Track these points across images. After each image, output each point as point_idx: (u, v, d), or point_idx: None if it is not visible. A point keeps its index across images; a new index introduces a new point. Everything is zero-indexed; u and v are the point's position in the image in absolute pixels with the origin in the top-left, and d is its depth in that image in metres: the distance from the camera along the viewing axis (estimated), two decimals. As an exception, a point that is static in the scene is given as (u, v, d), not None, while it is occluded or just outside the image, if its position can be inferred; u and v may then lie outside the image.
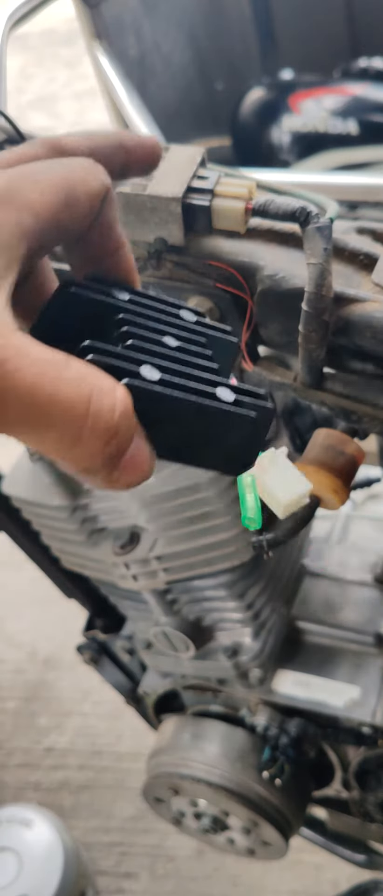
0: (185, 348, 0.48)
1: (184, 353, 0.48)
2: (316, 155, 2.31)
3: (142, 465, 0.42)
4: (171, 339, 0.48)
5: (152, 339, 0.46)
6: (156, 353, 0.45)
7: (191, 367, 0.47)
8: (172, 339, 0.48)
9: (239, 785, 1.30)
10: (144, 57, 2.10)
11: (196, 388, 0.45)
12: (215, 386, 0.46)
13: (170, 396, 0.43)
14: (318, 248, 0.70)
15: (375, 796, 1.33)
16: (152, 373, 0.43)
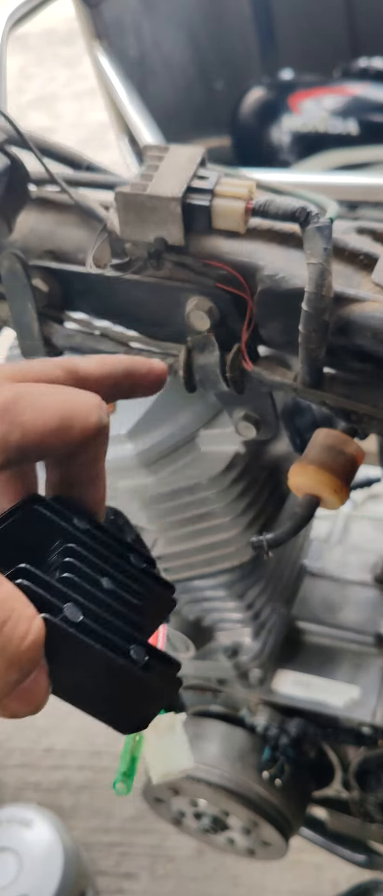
0: (118, 594, 0.50)
1: (115, 598, 0.50)
2: (316, 155, 2.31)
3: (36, 698, 0.42)
4: (108, 581, 0.50)
5: (89, 577, 0.49)
6: (88, 594, 0.48)
7: (117, 616, 0.49)
8: (109, 580, 0.50)
9: (239, 785, 1.30)
10: (144, 57, 2.10)
11: (111, 641, 0.47)
12: (131, 643, 0.48)
13: (83, 642, 0.45)
14: (318, 248, 0.70)
15: (375, 796, 1.33)
16: (75, 613, 0.45)
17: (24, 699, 0.42)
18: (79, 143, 4.20)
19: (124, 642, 0.48)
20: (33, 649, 0.40)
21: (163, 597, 0.55)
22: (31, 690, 0.42)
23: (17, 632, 0.40)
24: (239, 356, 0.80)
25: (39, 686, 0.42)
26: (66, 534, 0.51)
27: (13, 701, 0.41)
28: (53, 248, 0.88)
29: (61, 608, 0.45)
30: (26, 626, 0.40)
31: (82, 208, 0.86)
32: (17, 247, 0.87)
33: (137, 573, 0.54)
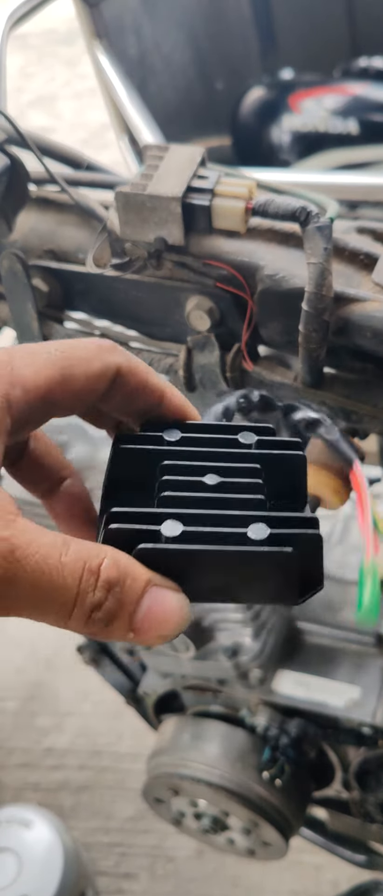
0: (227, 484, 0.48)
1: (223, 490, 0.47)
2: (316, 154, 2.31)
3: (165, 617, 0.43)
4: (212, 477, 0.48)
5: (188, 484, 0.47)
6: (188, 501, 0.46)
7: (228, 505, 0.46)
8: (214, 475, 0.48)
9: (239, 785, 1.30)
10: (144, 56, 2.10)
11: (222, 534, 0.44)
12: (248, 524, 0.45)
13: (188, 551, 0.44)
14: (318, 248, 0.70)
15: (375, 797, 1.33)
16: (174, 528, 0.44)
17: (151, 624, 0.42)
18: (79, 143, 4.20)
19: (239, 527, 0.45)
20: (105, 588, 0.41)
21: (285, 459, 0.50)
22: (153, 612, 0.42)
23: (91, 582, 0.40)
24: (239, 356, 0.80)
25: (163, 605, 0.43)
26: (158, 455, 0.49)
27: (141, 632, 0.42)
28: (53, 248, 0.88)
29: (157, 531, 0.44)
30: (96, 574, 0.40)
31: (82, 208, 0.86)
32: (17, 246, 0.87)
33: (247, 451, 0.50)
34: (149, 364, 0.84)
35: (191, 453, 0.49)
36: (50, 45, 5.78)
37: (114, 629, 0.41)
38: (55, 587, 0.39)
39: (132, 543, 0.43)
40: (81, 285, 0.86)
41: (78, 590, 0.40)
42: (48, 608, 0.40)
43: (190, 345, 0.82)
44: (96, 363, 0.48)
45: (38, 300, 0.87)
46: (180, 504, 0.46)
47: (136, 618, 0.42)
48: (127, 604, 0.41)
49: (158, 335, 0.86)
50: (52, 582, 0.39)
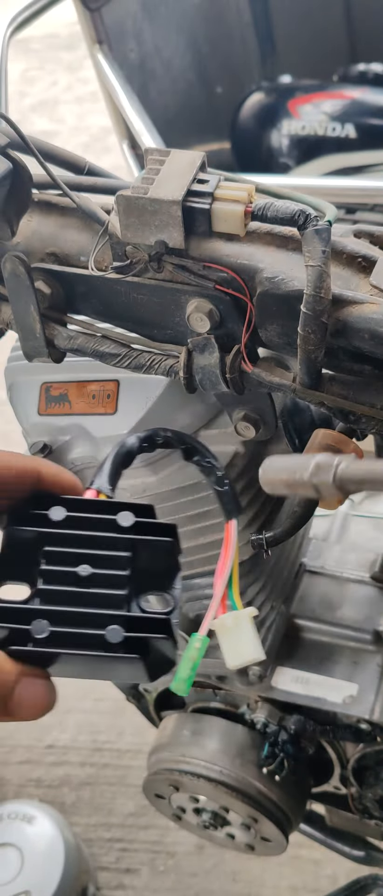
0: (98, 576, 0.53)
1: (92, 583, 0.53)
2: (315, 159, 2.32)
3: (34, 702, 0.50)
4: (85, 568, 0.53)
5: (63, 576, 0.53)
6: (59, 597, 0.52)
7: (93, 602, 0.52)
8: (87, 566, 0.53)
9: (238, 781, 1.31)
10: (145, 61, 2.11)
11: (84, 637, 0.50)
12: (107, 625, 0.51)
13: (52, 653, 0.50)
14: (317, 251, 0.71)
15: (373, 792, 1.34)
16: (41, 628, 0.50)
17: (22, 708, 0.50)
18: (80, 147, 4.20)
19: (99, 629, 0.51)
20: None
21: (159, 545, 0.55)
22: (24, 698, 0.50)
23: None
24: (238, 357, 0.81)
25: (33, 691, 0.50)
26: (42, 537, 0.54)
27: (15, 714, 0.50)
28: (56, 251, 0.89)
29: (28, 631, 0.50)
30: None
31: (84, 211, 0.87)
32: (19, 249, 0.88)
33: (121, 537, 0.55)
34: (149, 366, 0.85)
35: (71, 538, 0.54)
36: (51, 49, 5.78)
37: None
38: None
39: (8, 642, 0.50)
40: (83, 288, 0.87)
41: None
42: None
43: (190, 347, 0.83)
44: None
45: (41, 302, 0.87)
46: (54, 600, 0.52)
47: (9, 706, 0.49)
48: (1, 697, 0.49)
49: (159, 337, 0.87)
50: None
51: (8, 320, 0.93)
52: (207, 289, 0.80)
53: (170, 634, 0.52)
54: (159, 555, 0.55)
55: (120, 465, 0.67)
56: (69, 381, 1.10)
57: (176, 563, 0.56)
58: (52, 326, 0.89)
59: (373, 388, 0.77)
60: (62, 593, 0.52)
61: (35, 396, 1.12)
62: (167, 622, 0.52)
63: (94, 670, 0.53)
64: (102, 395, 1.08)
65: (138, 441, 0.69)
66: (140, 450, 0.69)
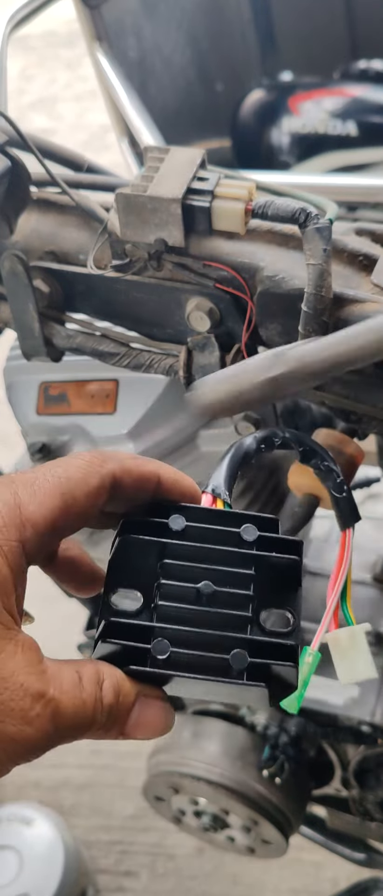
0: (219, 595, 0.50)
1: (214, 603, 0.50)
2: (315, 156, 2.31)
3: (151, 724, 0.49)
4: (207, 585, 0.50)
5: (184, 593, 0.50)
6: (180, 616, 0.49)
7: (215, 623, 0.49)
8: (209, 583, 0.50)
9: (239, 783, 1.31)
10: (144, 58, 2.10)
11: (205, 660, 0.48)
12: (231, 649, 0.48)
13: (173, 675, 0.48)
14: (318, 249, 0.71)
15: (374, 795, 1.33)
16: (162, 649, 0.48)
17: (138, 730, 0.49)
18: (79, 145, 4.21)
19: (222, 653, 0.48)
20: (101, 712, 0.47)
21: (281, 563, 0.52)
22: (141, 721, 0.49)
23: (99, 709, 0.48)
24: (239, 357, 0.81)
25: (149, 713, 0.49)
26: (161, 549, 0.51)
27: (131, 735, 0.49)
28: (54, 249, 0.89)
29: (147, 650, 0.48)
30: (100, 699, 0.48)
31: (83, 210, 0.86)
32: (18, 248, 0.87)
33: (246, 551, 0.52)
34: (149, 365, 0.85)
35: (192, 551, 0.51)
36: (50, 47, 5.78)
37: (109, 735, 0.49)
38: (81, 723, 0.47)
39: (125, 658, 0.49)
40: (82, 286, 0.87)
41: (92, 719, 0.47)
42: (74, 737, 0.47)
43: (190, 345, 0.82)
44: (93, 479, 0.50)
45: (39, 301, 0.87)
46: (173, 618, 0.49)
47: (127, 726, 0.49)
48: (120, 717, 0.48)
49: (159, 336, 0.86)
50: (79, 719, 0.47)
51: (6, 319, 0.93)
52: (207, 287, 0.79)
53: (295, 662, 0.49)
54: (282, 572, 0.52)
55: (237, 467, 0.63)
56: (68, 380, 1.10)
57: (298, 580, 0.53)
58: (50, 325, 0.89)
59: (374, 387, 0.77)
60: (183, 611, 0.49)
61: (34, 396, 1.12)
62: (294, 649, 0.50)
63: (213, 693, 0.52)
64: (101, 395, 1.07)
65: (256, 442, 0.66)
66: (257, 451, 0.66)
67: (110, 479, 0.51)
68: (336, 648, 0.69)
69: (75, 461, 0.51)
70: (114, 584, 0.51)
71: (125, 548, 0.51)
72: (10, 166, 0.83)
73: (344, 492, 0.70)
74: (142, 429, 1.04)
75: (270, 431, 0.67)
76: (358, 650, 0.69)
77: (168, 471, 0.54)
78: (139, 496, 0.53)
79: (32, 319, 0.88)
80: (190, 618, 0.49)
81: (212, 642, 0.49)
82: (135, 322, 0.87)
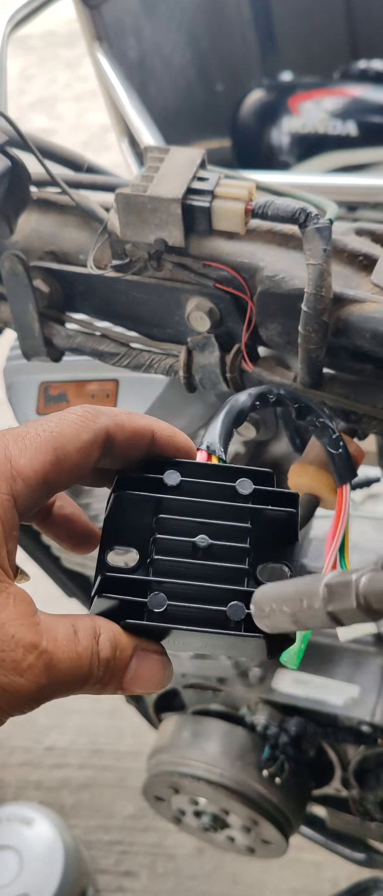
0: (216, 548, 0.50)
1: (211, 555, 0.50)
2: (315, 156, 2.31)
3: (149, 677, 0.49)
4: (203, 538, 0.50)
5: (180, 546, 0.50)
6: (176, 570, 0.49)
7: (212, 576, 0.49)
8: (205, 536, 0.50)
9: (238, 783, 1.31)
10: (144, 59, 2.10)
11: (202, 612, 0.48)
12: (228, 601, 0.48)
13: (170, 628, 0.48)
14: (318, 249, 0.71)
15: (374, 795, 1.33)
16: (159, 602, 0.48)
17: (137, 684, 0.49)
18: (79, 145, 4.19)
19: (219, 605, 0.48)
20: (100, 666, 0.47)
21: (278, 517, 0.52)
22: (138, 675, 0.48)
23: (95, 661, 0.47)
24: (239, 357, 0.81)
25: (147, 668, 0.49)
26: (156, 503, 0.51)
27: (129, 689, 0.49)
28: (54, 249, 0.89)
29: (144, 604, 0.48)
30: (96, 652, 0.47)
31: (83, 210, 0.86)
32: (18, 248, 0.87)
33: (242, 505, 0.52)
34: (149, 365, 0.85)
35: (188, 505, 0.51)
36: (50, 47, 5.78)
37: (107, 690, 0.49)
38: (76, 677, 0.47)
39: (122, 612, 0.48)
40: (82, 286, 0.87)
41: (88, 673, 0.47)
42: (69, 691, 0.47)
43: (190, 346, 0.82)
44: (85, 434, 0.50)
45: (39, 301, 0.87)
46: (169, 572, 0.49)
47: (125, 680, 0.48)
48: (117, 671, 0.48)
49: (159, 336, 0.86)
50: (74, 673, 0.46)
51: (6, 319, 0.93)
52: (207, 287, 0.79)
53: None
54: (279, 525, 0.52)
55: (232, 424, 0.63)
56: (68, 380, 1.10)
57: (295, 533, 0.52)
58: (50, 325, 0.89)
59: (375, 387, 0.77)
60: (179, 565, 0.49)
61: (34, 396, 1.12)
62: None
63: (211, 646, 0.51)
64: (101, 395, 1.07)
65: (251, 399, 0.65)
66: (252, 408, 0.65)
67: (103, 434, 0.51)
68: None
69: (68, 416, 0.50)
70: (109, 541, 0.51)
71: (120, 504, 0.51)
72: (10, 166, 0.83)
73: (340, 448, 0.70)
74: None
75: (265, 388, 0.67)
76: None
77: (162, 426, 0.54)
78: (133, 452, 0.53)
79: (32, 319, 0.88)
80: (186, 572, 0.49)
81: (208, 595, 0.49)
82: (135, 322, 0.87)
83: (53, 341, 0.89)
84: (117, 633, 0.48)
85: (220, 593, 0.48)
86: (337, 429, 0.70)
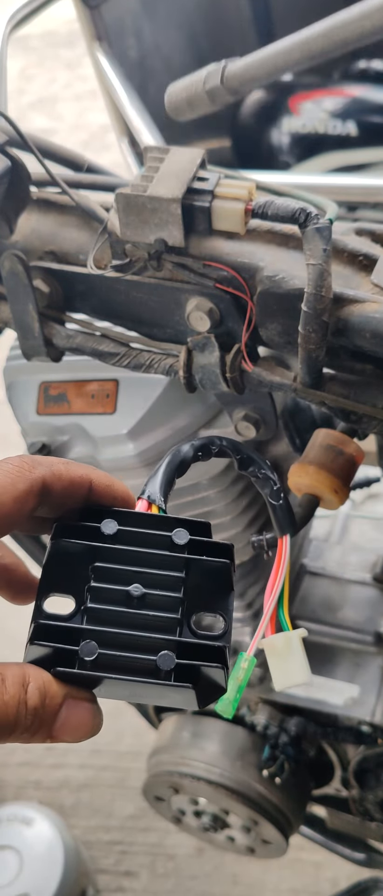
0: (149, 597, 0.51)
1: (144, 605, 0.51)
2: (315, 156, 2.31)
3: (78, 726, 0.49)
4: (137, 588, 0.51)
5: (114, 595, 0.51)
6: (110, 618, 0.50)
7: (145, 625, 0.50)
8: (139, 586, 0.51)
9: (238, 783, 1.31)
10: (144, 58, 2.10)
11: (134, 661, 0.49)
12: (159, 651, 0.49)
13: (101, 677, 0.49)
14: (318, 249, 0.71)
15: (374, 795, 1.33)
16: (90, 650, 0.49)
17: (67, 732, 0.49)
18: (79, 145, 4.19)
19: (150, 654, 0.49)
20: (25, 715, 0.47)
21: (213, 567, 0.53)
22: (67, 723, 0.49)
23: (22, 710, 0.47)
24: (239, 357, 0.81)
25: (77, 715, 0.49)
26: (92, 552, 0.52)
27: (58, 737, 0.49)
28: (54, 249, 0.89)
29: (75, 651, 0.48)
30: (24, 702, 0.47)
31: (83, 210, 0.86)
32: (18, 248, 0.87)
33: (176, 555, 0.53)
34: (149, 365, 0.85)
35: (123, 554, 0.52)
36: (50, 47, 5.78)
37: (36, 739, 0.48)
38: (2, 725, 0.47)
39: (54, 660, 0.49)
40: (82, 286, 0.87)
41: (15, 721, 0.47)
42: None
43: (190, 346, 0.82)
44: (21, 484, 0.51)
45: (39, 301, 0.87)
46: (103, 620, 0.50)
47: (54, 728, 0.48)
48: (46, 720, 0.48)
49: (159, 336, 0.86)
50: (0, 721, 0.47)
51: (6, 319, 0.93)
52: (207, 287, 0.79)
53: (223, 663, 0.50)
54: (214, 575, 0.53)
55: (173, 474, 0.64)
56: (68, 380, 1.10)
57: (229, 583, 0.53)
58: (50, 325, 0.89)
59: (375, 387, 0.77)
60: (112, 613, 0.50)
61: (34, 396, 1.12)
62: (222, 651, 0.50)
63: (141, 695, 0.52)
64: (101, 395, 1.07)
65: (193, 449, 0.67)
66: (194, 458, 0.67)
67: (39, 484, 0.51)
68: (272, 654, 0.69)
69: (4, 466, 0.51)
70: (46, 588, 0.51)
71: (57, 552, 0.52)
72: (10, 166, 0.83)
73: (281, 499, 0.71)
74: (142, 429, 1.04)
75: (208, 439, 0.69)
76: (294, 655, 0.69)
77: (100, 476, 0.55)
78: (71, 501, 0.54)
79: (32, 319, 0.88)
80: (119, 620, 0.50)
81: (140, 644, 0.49)
82: (135, 322, 0.87)
83: (53, 341, 0.89)
84: (47, 681, 0.48)
85: (152, 642, 0.49)
86: (277, 480, 0.72)
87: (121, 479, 1.08)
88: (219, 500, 1.08)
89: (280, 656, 0.69)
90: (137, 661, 0.49)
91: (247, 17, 2.56)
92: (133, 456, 1.05)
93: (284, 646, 0.69)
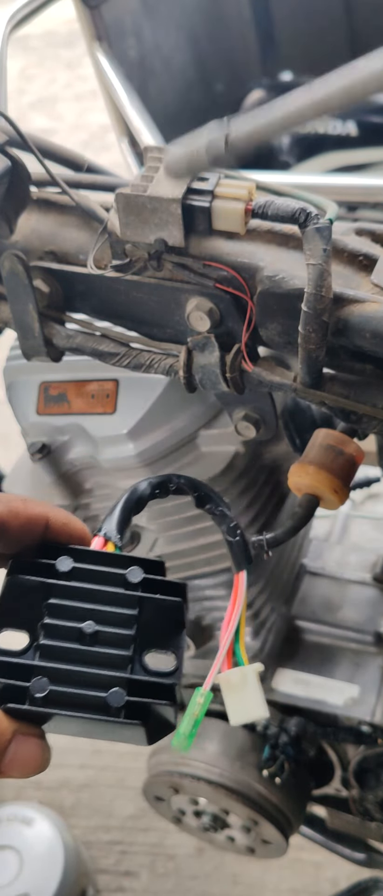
0: (102, 634, 0.51)
1: (96, 641, 0.51)
2: (315, 156, 2.31)
3: (27, 761, 0.49)
4: (90, 624, 0.51)
5: (67, 632, 0.51)
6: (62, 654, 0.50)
7: (96, 661, 0.50)
8: (92, 623, 0.52)
9: (238, 783, 1.31)
10: (144, 58, 2.10)
11: (84, 698, 0.49)
12: (109, 687, 0.49)
13: (51, 713, 0.49)
14: (318, 249, 0.71)
15: (374, 795, 1.33)
16: (41, 687, 0.49)
17: (16, 768, 0.49)
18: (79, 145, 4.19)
19: (101, 691, 0.49)
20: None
21: (165, 605, 0.54)
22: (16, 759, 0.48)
23: None
24: (239, 357, 0.81)
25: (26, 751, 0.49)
26: (46, 588, 0.53)
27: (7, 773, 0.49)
28: (54, 249, 0.89)
29: (26, 688, 0.49)
30: None
31: (83, 210, 0.86)
32: (18, 248, 0.87)
33: (129, 593, 0.53)
34: (149, 365, 0.85)
35: (77, 591, 0.53)
36: (50, 47, 5.78)
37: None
38: None
39: (5, 696, 0.49)
40: (82, 286, 0.87)
41: None
42: None
43: (190, 346, 0.82)
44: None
45: (39, 301, 0.87)
46: (55, 656, 0.50)
47: (2, 763, 0.48)
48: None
49: (159, 336, 0.86)
50: None
51: (6, 319, 0.92)
52: (207, 287, 0.79)
53: (173, 700, 0.51)
54: (166, 613, 0.54)
55: (130, 511, 0.65)
56: (68, 380, 1.10)
57: (182, 622, 0.54)
58: (50, 325, 0.89)
59: (375, 387, 0.77)
60: (64, 650, 0.51)
61: (34, 396, 1.12)
62: (171, 688, 0.51)
63: (92, 731, 0.52)
64: (101, 395, 1.07)
65: (150, 487, 0.68)
66: (151, 496, 0.68)
67: None
68: (227, 689, 0.69)
69: None
70: (0, 623, 0.52)
71: (13, 588, 0.53)
72: (10, 166, 0.83)
73: (237, 535, 0.72)
74: (142, 429, 1.04)
75: (165, 477, 0.70)
76: (250, 691, 0.69)
77: (57, 514, 0.55)
78: (27, 538, 0.54)
79: (32, 319, 0.87)
80: (71, 656, 0.50)
81: (91, 680, 0.50)
82: (135, 322, 0.87)
83: (53, 341, 0.89)
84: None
85: (103, 679, 0.50)
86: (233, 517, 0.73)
87: (122, 479, 1.08)
88: (219, 500, 1.08)
89: (236, 691, 0.69)
90: (88, 697, 0.49)
91: (247, 17, 2.56)
92: (133, 456, 1.05)
93: (240, 681, 0.69)
